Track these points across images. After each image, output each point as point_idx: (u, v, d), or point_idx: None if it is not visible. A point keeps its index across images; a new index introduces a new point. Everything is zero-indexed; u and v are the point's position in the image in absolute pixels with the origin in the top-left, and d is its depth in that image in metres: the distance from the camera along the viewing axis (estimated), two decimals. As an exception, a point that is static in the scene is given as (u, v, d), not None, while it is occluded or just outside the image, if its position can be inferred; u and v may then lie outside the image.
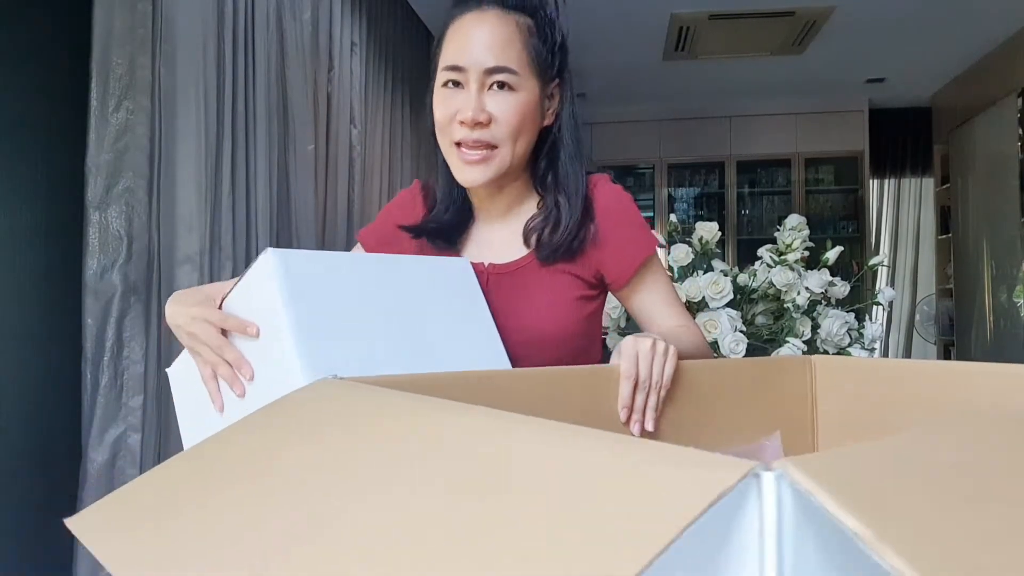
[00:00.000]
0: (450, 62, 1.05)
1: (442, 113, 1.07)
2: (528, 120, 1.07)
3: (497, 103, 1.05)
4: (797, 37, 4.66)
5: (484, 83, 1.04)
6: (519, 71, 1.05)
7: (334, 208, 3.01)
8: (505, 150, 1.07)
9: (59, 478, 1.94)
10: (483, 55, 1.04)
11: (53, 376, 1.99)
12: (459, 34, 1.06)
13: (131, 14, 1.95)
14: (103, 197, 1.93)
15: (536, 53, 1.08)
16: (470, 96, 1.04)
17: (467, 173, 1.08)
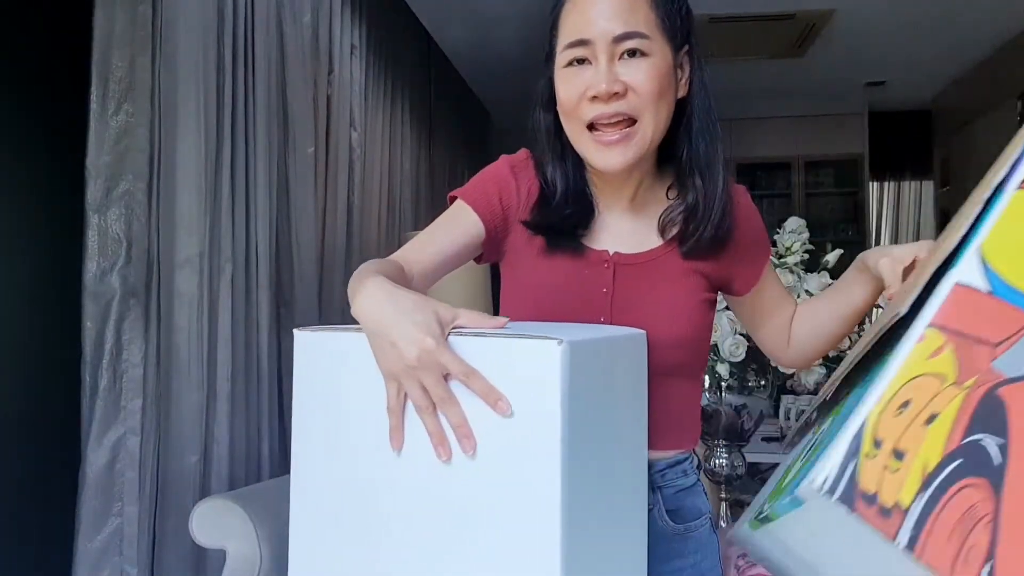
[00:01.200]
0: (572, 37, 0.97)
1: (568, 94, 0.98)
2: (666, 87, 0.98)
3: (631, 71, 0.95)
4: (797, 40, 4.66)
5: (614, 53, 0.95)
6: (650, 35, 0.96)
7: (334, 211, 3.01)
8: (646, 123, 0.97)
9: (58, 481, 1.94)
10: (609, 22, 0.95)
11: (52, 379, 1.99)
12: (577, 7, 0.98)
13: (131, 16, 1.95)
14: (103, 200, 1.92)
15: (665, 14, 0.98)
16: (600, 69, 0.95)
17: (606, 157, 0.98)
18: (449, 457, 0.73)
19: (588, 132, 0.98)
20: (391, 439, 0.76)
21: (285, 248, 2.57)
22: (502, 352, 0.71)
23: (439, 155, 4.65)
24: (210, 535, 1.78)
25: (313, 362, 0.82)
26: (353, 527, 0.78)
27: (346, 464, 0.79)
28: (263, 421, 2.34)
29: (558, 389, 0.68)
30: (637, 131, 0.97)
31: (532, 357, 0.70)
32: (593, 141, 0.98)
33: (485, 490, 0.71)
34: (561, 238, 1.06)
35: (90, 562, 1.88)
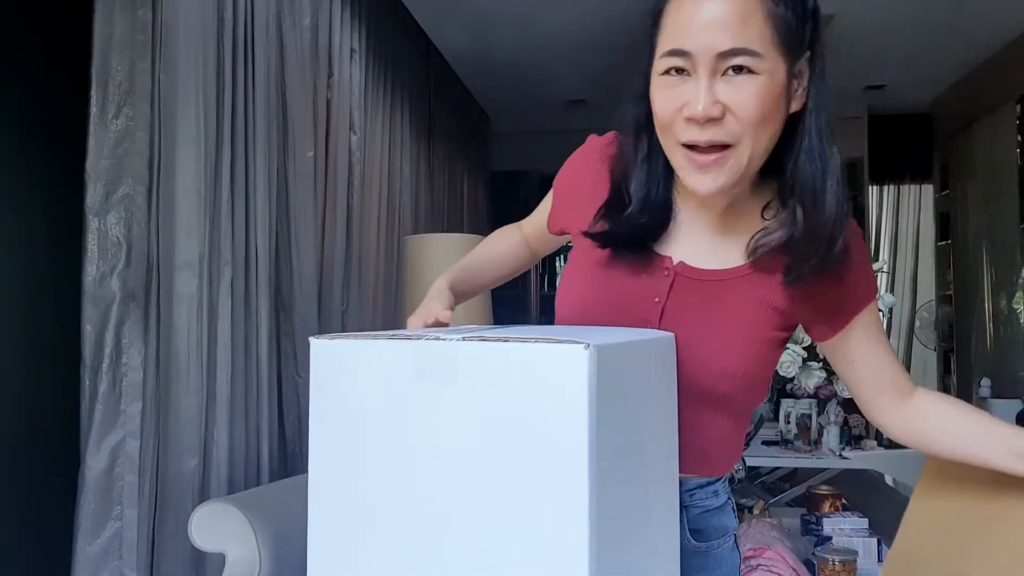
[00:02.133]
0: (672, 46, 0.87)
1: (663, 107, 0.89)
2: (773, 109, 0.87)
3: (734, 91, 0.85)
4: (796, 44, 4.66)
5: (717, 69, 0.85)
6: (762, 51, 0.84)
7: (333, 214, 3.01)
8: (743, 148, 0.87)
9: (57, 484, 1.94)
10: (715, 35, 0.84)
11: (52, 382, 1.99)
12: (682, 10, 0.87)
13: (131, 21, 1.95)
14: (102, 203, 1.93)
15: (783, 24, 0.85)
16: (699, 85, 0.85)
17: (698, 181, 0.89)
18: None
19: (682, 148, 0.89)
20: None
21: (284, 251, 2.57)
22: (525, 357, 0.69)
23: (439, 158, 4.65)
24: (209, 539, 1.78)
25: (330, 370, 0.80)
26: (372, 537, 0.76)
27: (365, 473, 0.77)
28: (262, 424, 2.34)
29: (585, 396, 0.66)
30: (731, 156, 0.87)
31: (557, 362, 0.67)
32: (686, 159, 0.89)
33: (508, 501, 0.69)
34: (627, 248, 0.99)
35: (89, 566, 1.88)
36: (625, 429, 0.74)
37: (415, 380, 0.74)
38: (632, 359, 0.78)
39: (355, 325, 3.16)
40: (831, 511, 2.28)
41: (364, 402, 0.77)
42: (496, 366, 0.70)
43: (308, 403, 2.47)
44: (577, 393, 0.66)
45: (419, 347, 0.74)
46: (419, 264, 2.95)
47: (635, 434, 0.77)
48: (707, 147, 0.87)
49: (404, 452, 0.74)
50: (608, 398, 0.68)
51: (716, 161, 0.87)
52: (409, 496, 0.74)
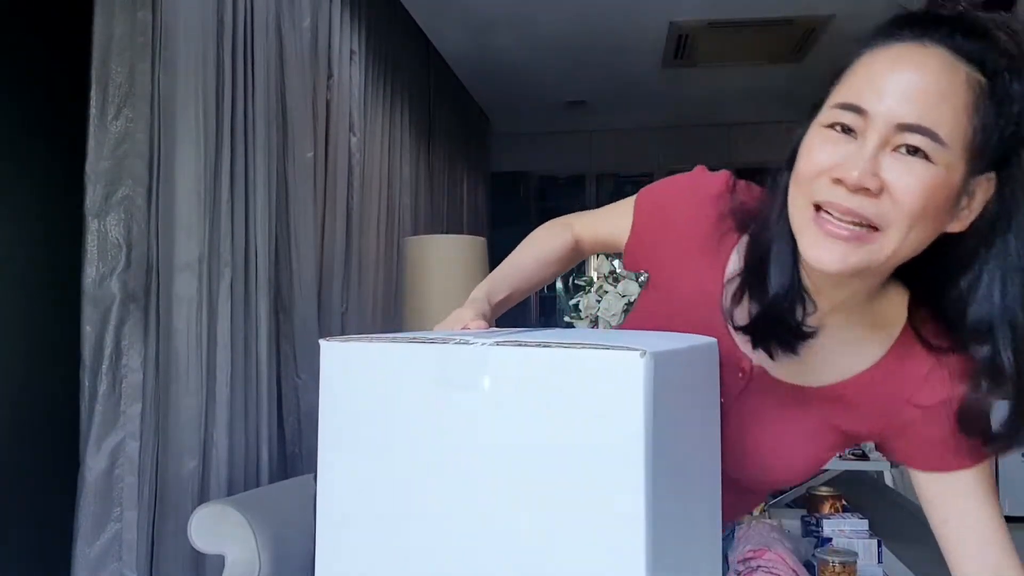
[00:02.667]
0: (848, 99, 0.75)
1: (811, 163, 0.77)
2: (937, 210, 0.74)
3: (900, 170, 0.72)
4: (796, 45, 4.67)
5: (889, 140, 0.73)
6: (947, 141, 0.72)
7: (333, 215, 3.01)
8: (888, 239, 0.74)
9: (57, 486, 1.94)
10: (902, 104, 0.72)
11: (51, 383, 1.99)
12: (873, 68, 0.76)
13: (131, 22, 1.96)
14: (102, 204, 1.93)
15: (981, 125, 0.73)
16: (863, 150, 0.73)
17: (820, 250, 0.75)
18: None
19: (813, 212, 0.77)
20: None
21: (284, 253, 2.57)
22: (572, 364, 0.63)
23: (438, 159, 4.65)
24: (209, 540, 1.78)
25: (342, 375, 0.75)
26: (387, 557, 0.71)
27: (383, 484, 0.70)
28: (262, 426, 2.34)
29: (642, 407, 0.60)
30: (875, 240, 0.74)
31: (610, 370, 0.61)
32: (815, 222, 0.76)
33: (547, 519, 0.64)
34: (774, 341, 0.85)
35: (89, 567, 1.88)
36: (678, 440, 0.68)
37: (438, 387, 0.68)
38: (684, 366, 0.73)
39: (355, 326, 3.16)
40: (831, 512, 2.27)
41: (380, 411, 0.72)
42: (534, 374, 0.64)
43: (308, 404, 2.48)
44: (633, 404, 0.60)
45: (443, 351, 0.68)
46: (419, 265, 2.95)
47: (686, 444, 0.72)
48: (846, 217, 0.74)
49: (425, 467, 0.69)
50: (662, 408, 0.63)
51: (851, 237, 0.74)
52: (431, 514, 0.69)
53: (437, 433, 0.68)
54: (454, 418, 0.68)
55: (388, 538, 0.71)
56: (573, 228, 1.14)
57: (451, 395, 0.67)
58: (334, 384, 0.75)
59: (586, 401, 0.62)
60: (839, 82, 0.79)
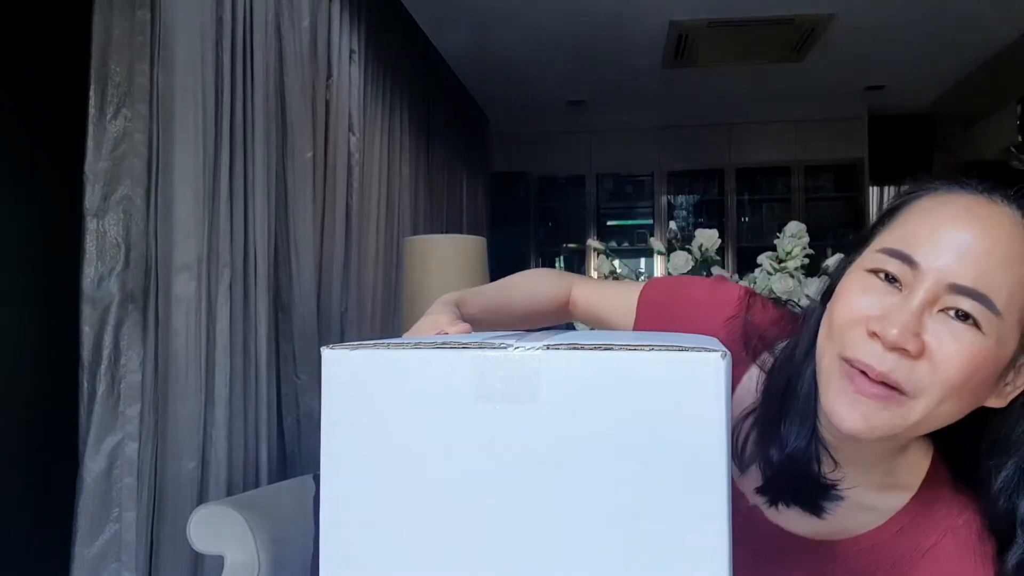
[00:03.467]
0: (899, 246, 0.68)
1: (848, 308, 0.70)
2: (977, 382, 0.67)
3: (945, 336, 0.66)
4: (797, 44, 4.66)
5: (938, 300, 0.66)
6: (1003, 311, 0.65)
7: (332, 215, 3.01)
8: (919, 406, 0.67)
9: (56, 487, 1.93)
10: (960, 262, 0.65)
11: (50, 384, 1.98)
12: (930, 216, 0.69)
13: (130, 22, 1.95)
14: (101, 205, 1.92)
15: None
16: (907, 305, 0.66)
17: (844, 407, 0.69)
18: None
19: (841, 364, 0.70)
20: None
21: (283, 253, 2.57)
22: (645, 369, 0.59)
23: (438, 160, 4.65)
24: (208, 541, 1.77)
25: (349, 388, 0.66)
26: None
27: (391, 500, 0.64)
28: (261, 427, 2.34)
29: (723, 407, 0.58)
30: (903, 404, 0.67)
31: (694, 372, 0.58)
32: (843, 376, 0.69)
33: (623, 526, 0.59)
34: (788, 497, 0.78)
35: (88, 568, 1.88)
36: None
37: (476, 400, 0.60)
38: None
39: (355, 326, 3.16)
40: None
41: (399, 428, 0.63)
42: (598, 380, 0.59)
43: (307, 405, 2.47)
44: (715, 405, 0.57)
45: (481, 359, 0.61)
46: (419, 265, 2.94)
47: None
48: (877, 380, 0.67)
49: (465, 491, 0.61)
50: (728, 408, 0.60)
51: (879, 397, 0.67)
52: (474, 541, 0.62)
53: (476, 450, 0.61)
54: (499, 434, 0.60)
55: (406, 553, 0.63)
56: (573, 287, 1.05)
57: (494, 407, 0.60)
58: (340, 398, 0.65)
59: (661, 406, 0.59)
60: (890, 222, 0.72)
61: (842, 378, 0.69)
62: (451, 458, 0.62)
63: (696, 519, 0.58)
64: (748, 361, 0.83)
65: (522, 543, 0.61)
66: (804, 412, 0.75)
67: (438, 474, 0.62)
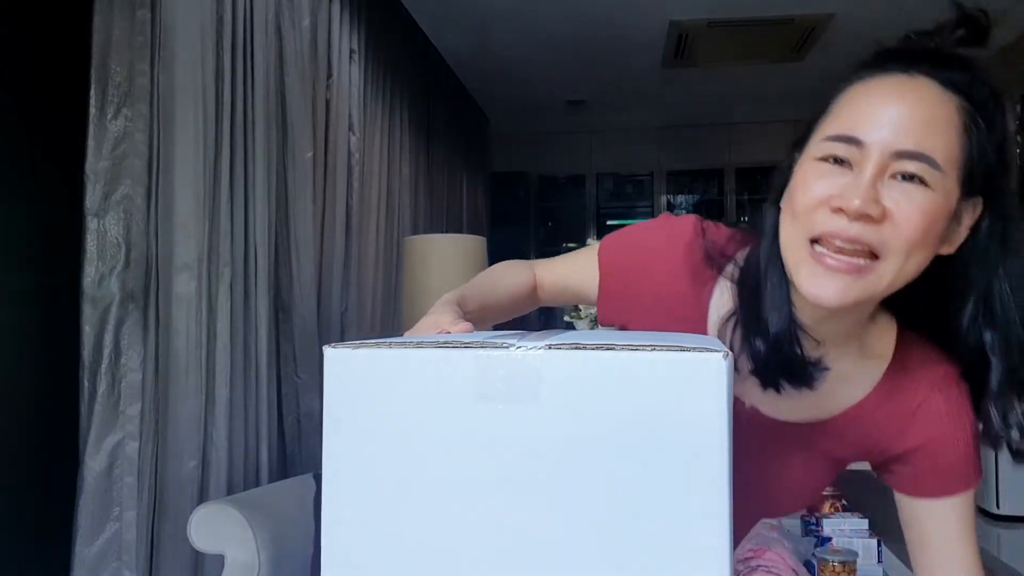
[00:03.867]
0: (842, 131, 0.76)
1: (809, 195, 0.77)
2: (934, 233, 0.75)
3: (899, 197, 0.73)
4: (797, 44, 4.66)
5: (886, 169, 0.74)
6: (943, 166, 0.74)
7: (332, 215, 3.01)
8: (889, 266, 0.74)
9: (56, 486, 1.94)
10: (899, 132, 0.74)
11: (51, 383, 1.99)
12: (865, 100, 0.77)
13: (130, 22, 1.95)
14: (101, 204, 1.92)
15: (972, 151, 0.76)
16: (861, 179, 0.73)
17: (819, 286, 0.75)
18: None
19: (809, 246, 0.76)
20: None
21: (284, 253, 2.57)
22: (646, 369, 0.59)
23: (438, 160, 4.65)
24: (208, 540, 1.77)
25: (351, 387, 0.65)
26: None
27: (392, 498, 0.64)
28: (261, 426, 2.34)
29: (725, 407, 0.58)
30: (873, 270, 0.74)
31: (695, 372, 0.58)
32: (813, 257, 0.76)
33: (624, 526, 0.60)
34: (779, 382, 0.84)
35: (88, 567, 1.88)
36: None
37: (478, 400, 0.61)
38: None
39: (355, 326, 3.16)
40: (831, 512, 2.27)
41: (401, 428, 0.63)
42: (600, 380, 0.60)
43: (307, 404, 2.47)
44: (717, 405, 0.58)
45: (482, 358, 0.61)
46: (419, 265, 2.94)
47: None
48: (847, 248, 0.74)
49: (464, 489, 0.62)
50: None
51: (848, 270, 0.74)
52: (474, 539, 0.62)
53: (478, 450, 0.61)
54: (500, 434, 0.61)
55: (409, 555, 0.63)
56: (534, 270, 1.06)
57: (496, 407, 0.60)
58: (341, 397, 0.65)
59: (663, 405, 0.59)
60: (827, 116, 0.80)
61: (812, 262, 0.76)
62: (452, 457, 0.62)
63: (697, 518, 0.58)
64: (715, 276, 0.90)
65: (522, 542, 0.61)
66: (779, 302, 0.82)
67: (439, 473, 0.62)
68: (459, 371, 0.61)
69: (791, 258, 0.79)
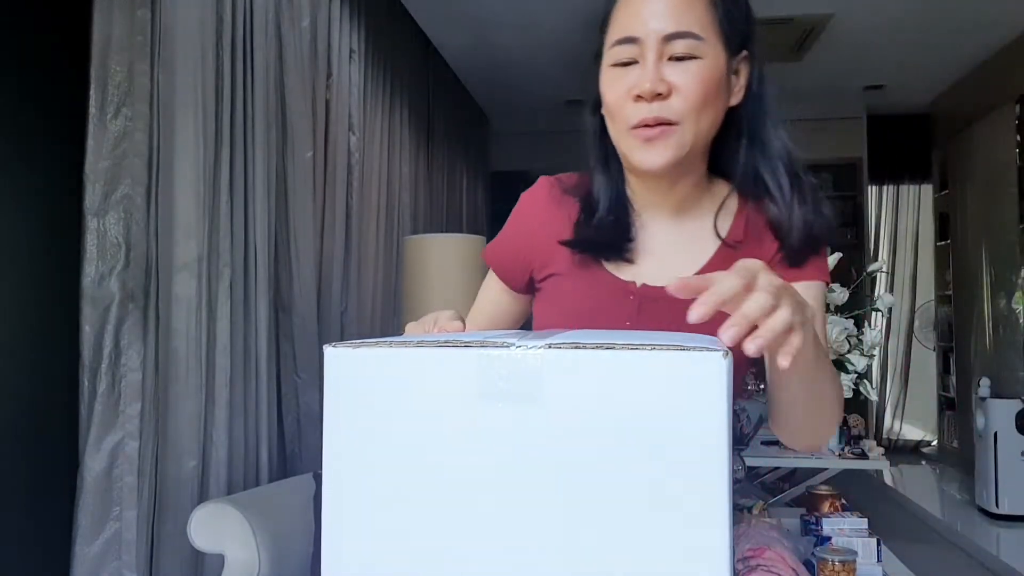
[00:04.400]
0: (621, 34, 0.94)
1: (614, 93, 0.95)
2: (713, 93, 0.93)
3: (679, 73, 0.91)
4: (795, 44, 4.67)
5: (662, 53, 0.92)
6: (703, 36, 0.92)
7: (332, 214, 3.01)
8: (687, 127, 0.93)
9: (56, 485, 1.94)
10: (660, 21, 0.91)
11: (50, 383, 1.99)
12: (631, 5, 0.94)
13: (130, 21, 1.95)
14: (101, 204, 1.93)
15: (723, 15, 0.94)
16: (646, 68, 0.91)
17: (645, 156, 0.94)
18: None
19: (631, 132, 0.94)
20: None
21: (284, 252, 2.57)
22: (647, 368, 0.59)
23: (438, 159, 4.65)
24: (208, 539, 1.77)
25: (351, 387, 0.65)
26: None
27: (393, 497, 0.64)
28: (261, 426, 2.34)
29: (725, 405, 0.58)
30: (675, 132, 0.93)
31: (696, 371, 0.59)
32: (634, 137, 0.94)
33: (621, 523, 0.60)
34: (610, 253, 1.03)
35: (88, 567, 1.88)
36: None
37: (479, 398, 0.61)
38: None
39: (354, 325, 3.16)
40: (830, 511, 2.27)
41: (401, 427, 0.63)
42: (600, 379, 0.60)
43: (307, 404, 2.47)
44: (717, 403, 0.58)
45: (484, 357, 0.61)
46: (418, 265, 2.95)
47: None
48: (653, 123, 0.92)
49: (464, 487, 0.62)
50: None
51: (661, 134, 0.92)
52: (475, 536, 0.62)
53: (479, 449, 0.62)
54: (500, 431, 0.61)
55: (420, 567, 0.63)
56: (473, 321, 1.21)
57: (496, 406, 0.61)
58: (342, 396, 0.65)
59: (663, 404, 0.59)
60: (608, 26, 0.97)
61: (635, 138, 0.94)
62: (453, 456, 0.62)
63: (697, 515, 0.59)
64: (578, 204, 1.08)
65: (522, 540, 0.61)
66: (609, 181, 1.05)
67: (440, 472, 0.62)
68: (460, 370, 0.62)
69: (622, 145, 0.98)
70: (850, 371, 2.26)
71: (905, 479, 5.22)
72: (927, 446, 6.17)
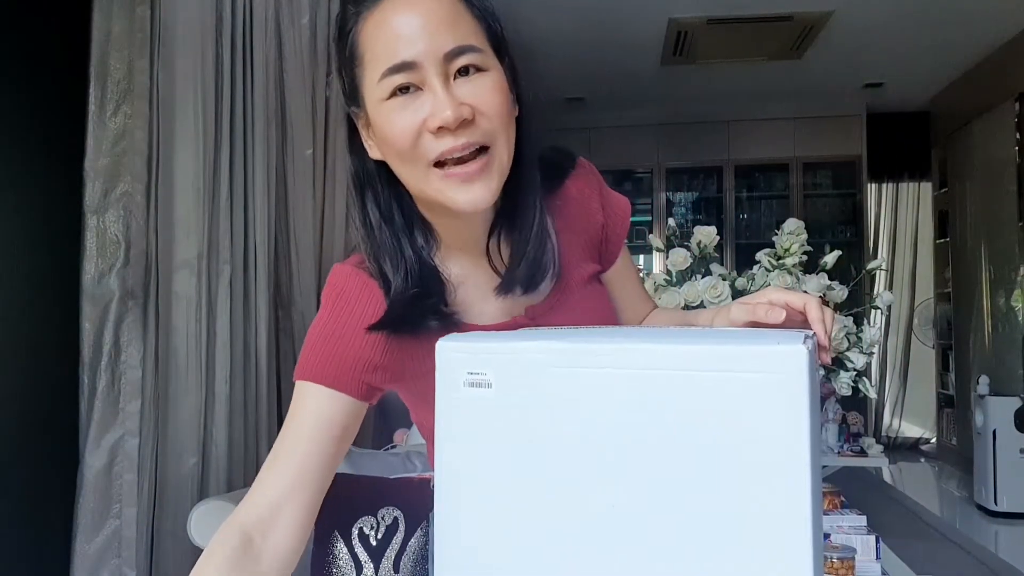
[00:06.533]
0: (390, 61, 0.77)
1: (403, 129, 0.78)
2: (509, 103, 0.82)
3: (474, 89, 0.78)
4: (795, 42, 4.67)
5: (448, 73, 0.78)
6: (482, 47, 0.81)
7: (332, 213, 3.00)
8: (501, 147, 0.80)
9: (56, 482, 1.94)
10: (435, 38, 0.77)
11: (50, 380, 1.99)
12: (386, 27, 0.79)
13: (129, 19, 1.95)
14: (101, 201, 1.93)
15: (487, 26, 0.84)
16: (438, 94, 0.77)
17: (466, 193, 0.79)
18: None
19: (436, 171, 0.79)
20: None
21: (283, 250, 2.57)
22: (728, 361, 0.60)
23: (437, 157, 4.65)
24: (208, 537, 1.77)
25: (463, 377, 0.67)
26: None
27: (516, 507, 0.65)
28: (261, 423, 2.34)
29: (807, 397, 0.58)
30: (494, 158, 0.80)
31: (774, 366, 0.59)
32: (446, 177, 0.79)
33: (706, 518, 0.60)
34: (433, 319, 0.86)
35: (88, 564, 1.88)
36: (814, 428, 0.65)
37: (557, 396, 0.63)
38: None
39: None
40: (830, 509, 2.28)
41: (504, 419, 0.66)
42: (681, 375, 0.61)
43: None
44: (799, 396, 0.58)
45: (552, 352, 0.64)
46: (418, 262, 2.95)
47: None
48: (465, 156, 0.78)
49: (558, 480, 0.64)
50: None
51: (481, 168, 0.79)
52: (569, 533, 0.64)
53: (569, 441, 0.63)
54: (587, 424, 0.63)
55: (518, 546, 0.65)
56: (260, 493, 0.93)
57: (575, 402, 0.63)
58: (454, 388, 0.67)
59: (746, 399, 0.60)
60: (359, 59, 0.81)
61: (447, 179, 0.79)
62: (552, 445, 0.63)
63: (781, 508, 0.59)
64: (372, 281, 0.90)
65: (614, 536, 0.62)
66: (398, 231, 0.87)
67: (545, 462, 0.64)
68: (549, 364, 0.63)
69: (427, 190, 0.81)
70: (849, 369, 2.27)
71: (904, 476, 5.23)
72: (926, 443, 6.18)
